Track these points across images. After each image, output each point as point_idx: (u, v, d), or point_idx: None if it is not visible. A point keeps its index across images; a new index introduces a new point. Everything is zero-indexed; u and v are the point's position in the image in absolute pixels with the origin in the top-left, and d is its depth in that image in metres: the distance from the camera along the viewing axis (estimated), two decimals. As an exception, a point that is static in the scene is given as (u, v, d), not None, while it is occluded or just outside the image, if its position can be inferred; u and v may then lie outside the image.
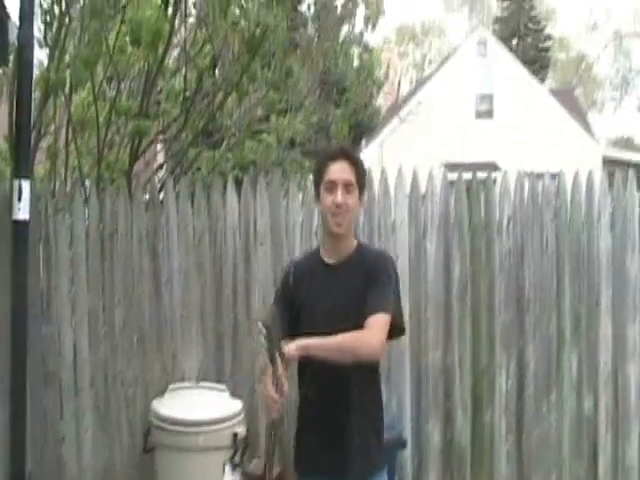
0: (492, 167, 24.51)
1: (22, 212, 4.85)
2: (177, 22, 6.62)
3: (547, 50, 44.03)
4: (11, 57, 5.46)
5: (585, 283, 6.15)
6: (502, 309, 6.06)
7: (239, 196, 5.92)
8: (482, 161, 24.34)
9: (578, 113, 29.69)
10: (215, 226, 5.90)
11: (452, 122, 25.07)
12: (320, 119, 8.41)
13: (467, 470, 6.05)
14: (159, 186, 6.11)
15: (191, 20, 6.81)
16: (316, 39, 7.30)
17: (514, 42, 41.20)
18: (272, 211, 5.94)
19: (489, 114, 26.26)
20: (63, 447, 5.72)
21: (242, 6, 6.70)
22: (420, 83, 31.17)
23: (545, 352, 6.13)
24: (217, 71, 7.06)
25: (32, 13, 4.87)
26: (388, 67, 19.02)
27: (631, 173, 6.35)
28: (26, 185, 4.79)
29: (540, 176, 6.16)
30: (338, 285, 3.70)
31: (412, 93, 28.61)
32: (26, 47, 4.85)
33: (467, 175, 6.23)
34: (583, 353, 6.18)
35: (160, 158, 8.07)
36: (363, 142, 26.04)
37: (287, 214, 5.96)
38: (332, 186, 3.67)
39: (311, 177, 4.48)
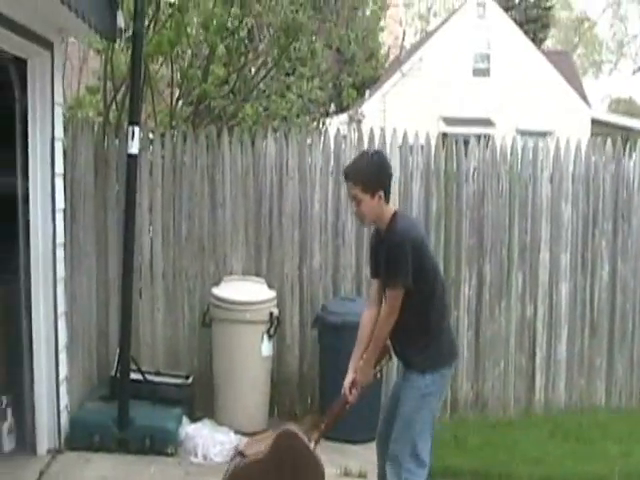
0: (487, 123, 26.19)
1: (134, 148, 6.65)
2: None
3: (549, 9, 44.90)
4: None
5: (530, 220, 8.15)
6: (467, 236, 8.01)
7: (275, 142, 7.89)
8: (478, 117, 26.01)
9: (572, 75, 31.18)
10: (257, 164, 7.82)
11: (451, 78, 26.52)
12: (334, 85, 10.49)
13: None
14: (216, 132, 8.05)
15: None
16: (334, 25, 9.32)
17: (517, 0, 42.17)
18: (300, 154, 7.86)
19: (486, 72, 27.76)
20: (140, 324, 7.66)
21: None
22: (422, 40, 32.44)
23: (498, 270, 8.08)
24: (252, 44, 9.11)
25: (143, 6, 6.79)
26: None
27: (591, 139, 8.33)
28: (136, 129, 6.65)
29: (532, 134, 7.98)
30: (381, 252, 4.99)
31: (414, 49, 30.02)
32: (139, 29, 6.68)
33: (463, 129, 8.12)
34: (527, 273, 8.14)
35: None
36: (367, 93, 27.53)
37: (310, 157, 7.90)
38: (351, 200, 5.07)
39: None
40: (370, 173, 4.96)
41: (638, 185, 8.34)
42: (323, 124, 10.97)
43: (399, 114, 23.07)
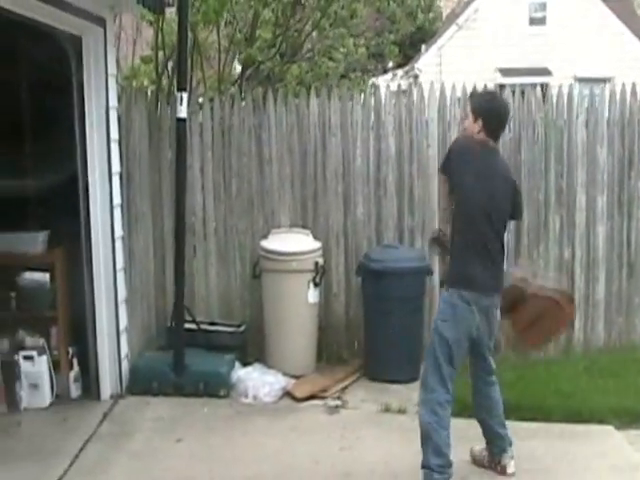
0: (544, 72, 26.12)
1: (182, 113, 7.09)
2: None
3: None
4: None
5: (566, 165, 8.39)
6: (504, 182, 8.32)
7: (318, 100, 8.25)
8: (534, 66, 25.97)
9: (632, 18, 30.81)
10: (301, 122, 8.21)
11: (507, 29, 26.47)
12: (377, 44, 10.83)
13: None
14: (262, 94, 8.46)
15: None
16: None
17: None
18: (342, 111, 8.22)
19: (542, 21, 27.60)
20: (196, 277, 8.19)
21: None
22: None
23: (535, 214, 8.27)
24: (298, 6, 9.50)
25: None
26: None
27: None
28: (184, 95, 7.07)
29: (590, 81, 8.20)
30: None
31: (470, 1, 30.02)
32: (184, 1, 7.12)
33: (520, 80, 8.41)
34: (564, 216, 8.33)
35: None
36: (423, 47, 27.63)
37: (352, 114, 8.24)
38: None
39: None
40: (479, 103, 5.68)
41: (673, 126, 8.48)
42: (364, 82, 11.32)
43: (456, 67, 23.22)
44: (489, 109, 5.56)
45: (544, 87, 8.53)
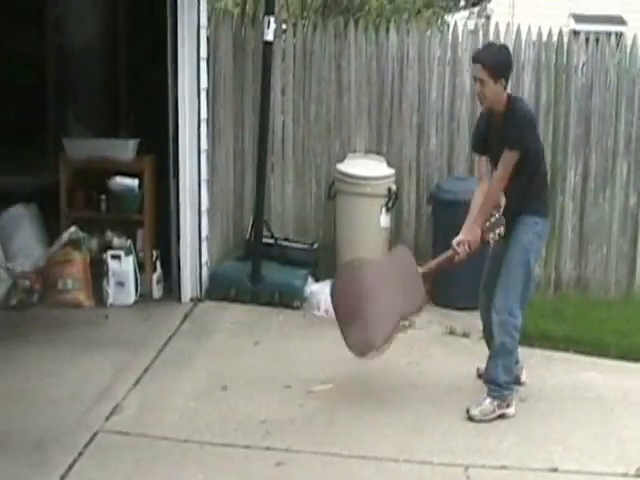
0: (618, 20, 25.65)
1: (269, 36, 7.46)
2: None
3: None
4: None
5: (636, 113, 8.51)
6: (574, 126, 8.43)
7: (397, 33, 8.51)
8: (608, 14, 25.52)
9: None
10: (380, 53, 8.46)
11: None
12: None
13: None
14: (343, 23, 8.71)
15: None
16: None
17: None
18: (419, 45, 8.44)
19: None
20: (272, 195, 8.51)
21: None
22: None
23: (603, 159, 8.44)
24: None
25: None
26: None
27: None
28: (272, 18, 7.43)
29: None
30: (496, 132, 5.54)
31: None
32: None
33: (593, 27, 8.52)
34: (631, 163, 8.46)
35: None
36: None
37: (429, 48, 8.46)
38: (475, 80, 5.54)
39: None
40: (497, 61, 5.46)
41: None
42: (442, 18, 11.50)
43: (528, 10, 22.95)
44: (508, 64, 5.56)
45: (618, 35, 8.62)
